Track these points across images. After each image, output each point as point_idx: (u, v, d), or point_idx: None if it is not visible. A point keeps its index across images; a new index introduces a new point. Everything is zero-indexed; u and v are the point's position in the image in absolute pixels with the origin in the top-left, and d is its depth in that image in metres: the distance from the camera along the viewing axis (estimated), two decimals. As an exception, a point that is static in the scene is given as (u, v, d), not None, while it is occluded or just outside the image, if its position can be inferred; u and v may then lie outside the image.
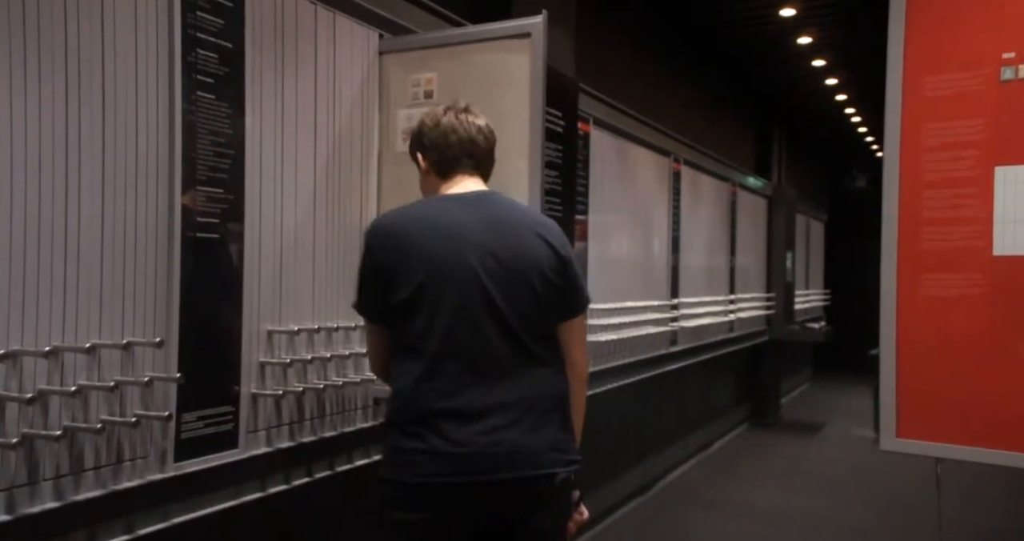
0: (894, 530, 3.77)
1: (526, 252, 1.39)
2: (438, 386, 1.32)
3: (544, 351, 1.40)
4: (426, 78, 1.88)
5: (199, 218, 1.47)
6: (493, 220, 1.40)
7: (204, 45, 1.47)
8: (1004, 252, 1.64)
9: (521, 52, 1.75)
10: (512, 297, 1.36)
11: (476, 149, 1.49)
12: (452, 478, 1.29)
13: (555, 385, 1.41)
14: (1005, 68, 1.64)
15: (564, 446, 1.39)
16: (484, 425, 1.31)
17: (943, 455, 1.72)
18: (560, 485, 1.37)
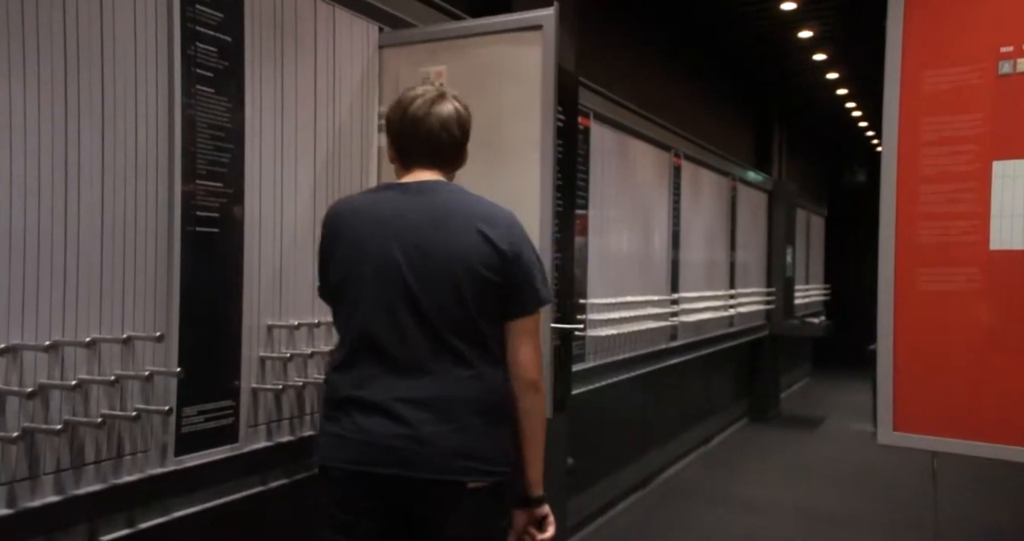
0: (892, 524, 3.78)
1: (455, 247, 1.33)
2: (353, 374, 1.35)
3: (472, 352, 1.34)
4: (435, 71, 1.85)
5: (199, 212, 1.47)
6: (430, 213, 1.36)
7: (203, 39, 1.47)
8: (1001, 246, 1.65)
9: (532, 45, 1.73)
10: (435, 293, 1.32)
11: (437, 145, 1.43)
12: (354, 466, 1.32)
13: (478, 389, 1.34)
14: (1003, 62, 1.64)
15: (482, 454, 1.32)
16: (387, 419, 1.31)
17: (940, 449, 1.72)
18: (476, 495, 1.31)
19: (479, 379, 1.34)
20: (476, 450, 1.32)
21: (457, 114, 1.44)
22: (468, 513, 1.32)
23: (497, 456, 1.35)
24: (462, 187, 1.45)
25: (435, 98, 1.43)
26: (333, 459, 1.35)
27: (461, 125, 1.45)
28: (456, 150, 1.47)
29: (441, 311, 1.32)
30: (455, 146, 1.46)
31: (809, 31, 5.70)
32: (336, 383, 1.38)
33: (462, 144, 1.47)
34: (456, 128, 1.44)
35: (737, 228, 5.56)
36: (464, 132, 1.46)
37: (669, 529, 3.71)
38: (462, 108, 1.46)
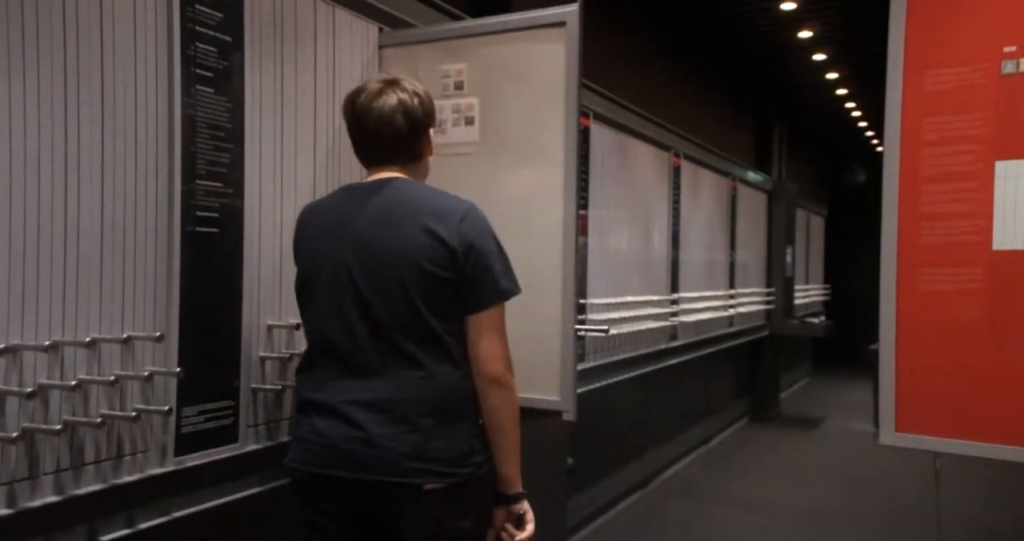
0: (893, 524, 3.78)
1: (400, 247, 1.32)
2: (312, 377, 1.38)
3: (425, 352, 1.32)
4: (455, 69, 1.83)
5: (199, 212, 1.47)
6: (378, 212, 1.35)
7: (203, 39, 1.47)
8: (1004, 247, 1.64)
9: (554, 42, 1.69)
10: (383, 295, 1.31)
11: (383, 140, 1.39)
12: (312, 468, 1.34)
13: (429, 389, 1.32)
14: (1006, 62, 1.63)
15: (436, 456, 1.30)
16: (340, 421, 1.31)
17: (942, 450, 1.72)
18: (433, 496, 1.29)
19: (430, 379, 1.32)
20: (428, 451, 1.30)
21: (402, 105, 1.37)
22: (424, 515, 1.30)
23: (454, 457, 1.32)
24: (417, 183, 1.42)
25: (379, 90, 1.38)
26: (294, 461, 1.37)
27: (408, 115, 1.38)
28: (405, 143, 1.41)
29: (391, 312, 1.32)
30: (401, 139, 1.39)
31: (809, 31, 5.70)
32: (299, 386, 1.42)
33: (411, 135, 1.40)
34: (402, 119, 1.38)
35: (737, 228, 5.56)
36: (413, 122, 1.39)
37: (669, 529, 3.71)
38: (410, 97, 1.38)
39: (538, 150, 1.73)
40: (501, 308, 1.38)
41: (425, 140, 1.45)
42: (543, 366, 1.72)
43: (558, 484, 3.04)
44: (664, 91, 4.94)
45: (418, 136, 1.42)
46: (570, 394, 1.71)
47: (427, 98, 1.43)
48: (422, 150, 1.45)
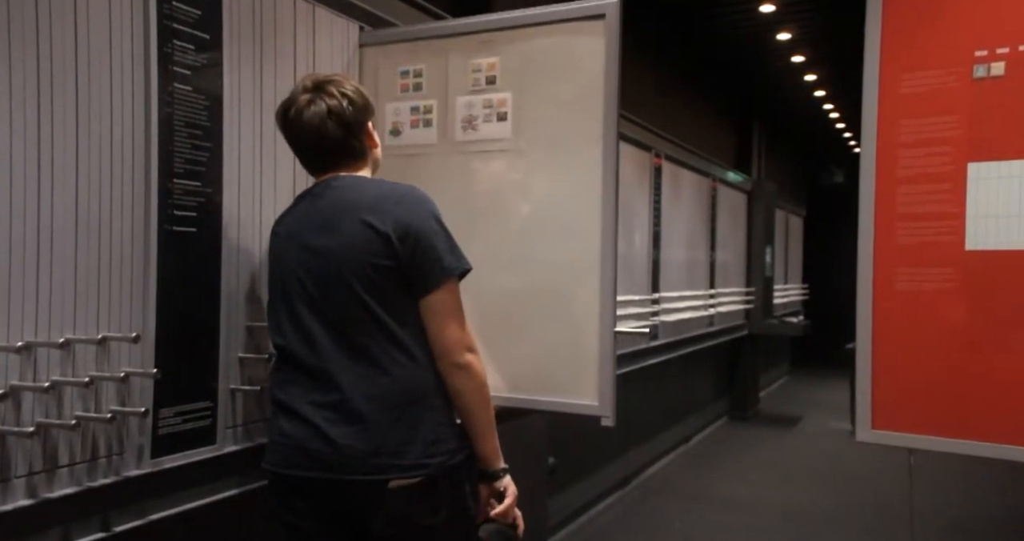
0: (869, 520, 3.83)
1: (343, 246, 1.34)
2: (278, 380, 1.41)
3: (381, 347, 1.32)
4: (488, 63, 1.78)
5: (176, 211, 1.45)
6: (322, 214, 1.38)
7: (180, 36, 1.45)
8: (976, 247, 1.67)
9: (593, 35, 1.64)
10: (333, 296, 1.34)
11: (320, 151, 1.41)
12: (281, 469, 1.36)
13: (385, 385, 1.31)
14: (978, 66, 1.67)
15: (399, 450, 1.30)
16: (302, 423, 1.33)
17: (917, 446, 1.75)
18: (402, 492, 1.29)
19: (386, 374, 1.32)
20: (389, 447, 1.30)
21: (332, 113, 1.38)
22: (393, 512, 1.30)
23: (419, 449, 1.31)
24: (356, 178, 1.43)
25: (308, 101, 1.38)
26: (267, 463, 1.40)
27: (340, 120, 1.38)
28: (344, 147, 1.42)
29: (342, 312, 1.34)
30: (339, 144, 1.41)
31: (787, 33, 5.76)
32: (270, 388, 1.45)
33: (347, 138, 1.41)
34: (334, 127, 1.38)
35: (717, 228, 5.61)
36: (346, 125, 1.39)
37: (649, 528, 3.73)
38: (339, 100, 1.38)
39: (575, 147, 1.68)
40: (452, 288, 1.36)
41: (364, 136, 1.46)
42: (579, 369, 1.67)
43: (539, 484, 3.05)
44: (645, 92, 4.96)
45: (355, 136, 1.43)
46: (609, 399, 1.65)
47: (358, 95, 1.42)
48: (363, 147, 1.46)
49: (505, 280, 1.69)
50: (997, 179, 1.65)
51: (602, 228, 1.66)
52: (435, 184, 1.64)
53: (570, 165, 1.71)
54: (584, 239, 1.67)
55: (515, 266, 1.72)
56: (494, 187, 1.79)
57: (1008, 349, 1.65)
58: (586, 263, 1.67)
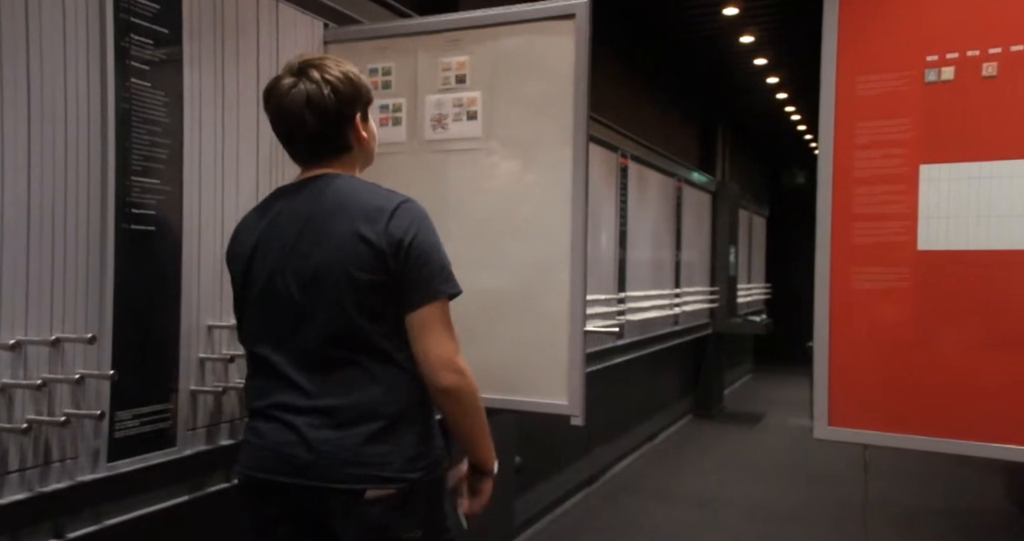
0: (826, 513, 3.92)
1: (330, 256, 1.27)
2: (253, 386, 1.37)
3: (367, 358, 1.28)
4: (458, 62, 1.76)
5: (134, 209, 1.42)
6: (309, 218, 1.29)
7: (138, 30, 1.42)
8: (928, 247, 1.72)
9: (562, 34, 1.63)
10: (318, 305, 1.28)
11: (304, 137, 1.32)
12: (256, 472, 1.33)
13: (372, 395, 1.27)
14: (929, 71, 1.71)
15: (378, 461, 1.26)
16: (282, 426, 1.30)
17: (872, 442, 1.79)
18: (379, 504, 1.25)
19: (369, 386, 1.28)
20: (368, 456, 1.26)
21: (309, 100, 1.28)
22: (366, 524, 1.27)
23: (399, 462, 1.27)
24: (344, 179, 1.33)
25: (291, 85, 1.29)
26: (240, 465, 1.36)
27: (318, 110, 1.29)
28: (323, 138, 1.33)
29: (327, 323, 1.28)
30: (316, 136, 1.32)
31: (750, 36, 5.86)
32: (245, 393, 1.40)
33: (327, 129, 1.32)
34: (310, 116, 1.29)
35: (682, 228, 5.67)
36: (325, 115, 1.29)
37: (615, 525, 3.76)
38: (320, 86, 1.29)
39: (545, 147, 1.68)
40: (443, 306, 1.30)
41: (349, 129, 1.35)
42: (549, 369, 1.67)
43: (506, 483, 3.05)
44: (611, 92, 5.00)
45: (337, 128, 1.33)
46: (579, 398, 1.65)
47: (345, 82, 1.31)
48: (348, 141, 1.36)
49: (475, 280, 1.69)
50: (948, 181, 1.70)
51: (572, 228, 1.67)
52: (404, 183, 1.62)
53: (540, 164, 1.71)
54: (554, 239, 1.68)
55: (485, 266, 1.73)
56: (464, 187, 1.78)
57: (956, 347, 1.70)
58: (556, 263, 1.68)
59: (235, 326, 1.64)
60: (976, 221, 1.67)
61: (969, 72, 1.67)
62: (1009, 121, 1.64)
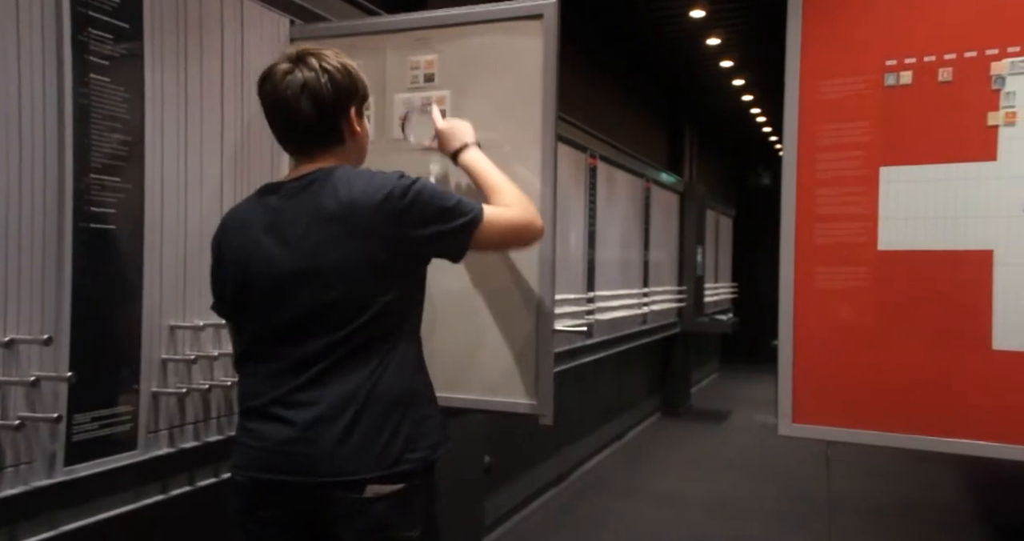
0: (790, 508, 3.99)
1: (333, 254, 1.25)
2: (248, 384, 1.35)
3: (360, 348, 1.27)
4: (426, 60, 1.74)
5: (93, 208, 1.39)
6: (304, 218, 1.27)
7: (97, 24, 1.39)
8: (887, 247, 1.76)
9: (531, 35, 1.63)
10: (313, 301, 1.27)
11: (292, 128, 1.31)
12: (253, 472, 1.31)
13: (369, 391, 1.27)
14: (888, 75, 1.76)
15: (382, 449, 1.25)
16: (280, 423, 1.28)
17: (834, 439, 1.83)
18: (379, 504, 1.25)
19: (371, 373, 1.27)
20: (367, 446, 1.25)
21: (306, 87, 1.27)
22: (370, 521, 1.25)
23: (401, 446, 1.27)
24: (339, 174, 1.30)
25: (287, 71, 1.28)
26: (235, 466, 1.34)
27: (315, 97, 1.27)
28: (317, 129, 1.31)
29: (331, 321, 1.27)
30: (312, 125, 1.30)
31: (717, 38, 5.93)
32: (240, 392, 1.38)
33: (323, 119, 1.30)
34: (307, 104, 1.27)
35: (651, 228, 5.72)
36: (321, 104, 1.28)
37: (583, 523, 3.78)
38: (318, 75, 1.28)
39: (513, 146, 1.68)
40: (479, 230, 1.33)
41: (344, 121, 1.34)
42: (518, 368, 1.67)
43: (475, 483, 3.05)
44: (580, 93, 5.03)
45: (333, 118, 1.31)
46: (548, 397, 1.65)
47: (343, 74, 1.31)
48: (342, 133, 1.34)
49: (444, 280, 1.69)
50: (906, 183, 1.74)
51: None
52: None
53: (509, 164, 1.71)
54: None
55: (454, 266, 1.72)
56: None
57: (915, 345, 1.74)
58: (525, 262, 1.68)
59: (198, 326, 1.62)
60: (934, 222, 1.72)
61: (926, 77, 1.72)
62: (963, 125, 1.69)
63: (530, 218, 1.41)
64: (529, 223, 1.40)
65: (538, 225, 1.42)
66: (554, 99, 1.66)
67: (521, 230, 1.40)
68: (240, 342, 1.39)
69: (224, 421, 1.74)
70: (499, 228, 1.36)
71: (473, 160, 1.54)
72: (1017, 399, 1.64)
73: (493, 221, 1.35)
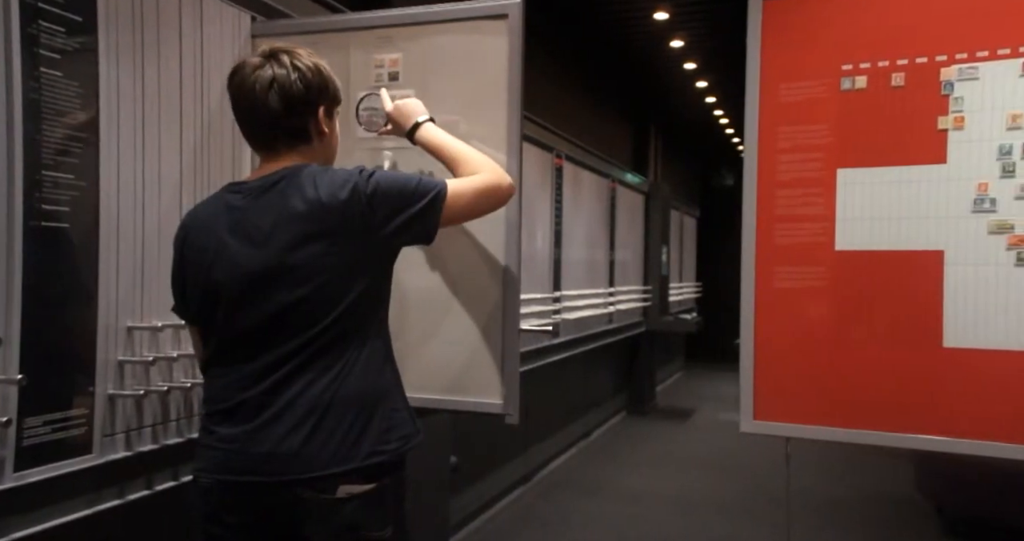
0: (753, 504, 4.06)
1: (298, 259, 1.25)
2: (216, 387, 1.33)
3: (331, 353, 1.27)
4: (391, 59, 1.73)
5: (45, 206, 1.35)
6: (268, 220, 1.26)
7: (48, 17, 1.35)
8: (844, 247, 1.81)
9: (496, 34, 1.63)
10: (285, 303, 1.26)
11: (258, 123, 1.30)
12: (220, 475, 1.28)
13: (337, 390, 1.26)
14: (844, 79, 1.80)
15: (352, 446, 1.25)
16: (249, 427, 1.27)
17: (794, 435, 1.86)
18: (349, 503, 1.24)
19: (339, 371, 1.27)
20: (339, 444, 1.25)
21: (276, 82, 1.26)
22: (342, 521, 1.25)
23: (374, 437, 1.27)
24: (304, 174, 1.29)
25: (257, 66, 1.27)
26: (201, 470, 1.31)
27: (284, 93, 1.27)
28: (285, 125, 1.30)
29: (300, 321, 1.26)
30: (280, 121, 1.29)
31: (680, 41, 6.00)
32: (205, 396, 1.36)
33: (290, 116, 1.29)
34: (275, 98, 1.26)
35: (616, 228, 5.77)
36: (290, 100, 1.27)
37: (550, 522, 3.80)
38: (288, 71, 1.27)
39: (479, 145, 1.66)
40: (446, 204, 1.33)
41: (313, 120, 1.33)
42: (484, 368, 1.67)
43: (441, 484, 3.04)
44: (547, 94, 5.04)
45: (300, 116, 1.30)
46: (513, 396, 1.65)
47: (313, 73, 1.30)
48: (309, 132, 1.33)
49: (409, 279, 1.68)
50: (862, 184, 1.79)
51: (506, 227, 1.67)
52: None
53: None
54: (488, 237, 1.69)
55: (419, 265, 1.71)
56: None
57: (870, 342, 1.79)
58: (490, 262, 1.68)
59: (157, 327, 1.59)
60: (888, 223, 1.77)
61: (880, 81, 1.76)
62: (915, 128, 1.74)
63: (496, 180, 1.42)
64: (495, 185, 1.41)
65: (506, 184, 1.42)
66: (519, 99, 1.66)
67: (489, 193, 1.40)
68: (207, 345, 1.37)
69: (184, 424, 1.71)
70: (466, 197, 1.36)
71: (429, 136, 1.53)
72: (966, 395, 1.69)
73: (458, 192, 1.35)
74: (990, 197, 1.68)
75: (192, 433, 1.72)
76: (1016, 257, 1.66)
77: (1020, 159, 1.66)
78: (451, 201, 1.34)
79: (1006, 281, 1.66)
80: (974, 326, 1.69)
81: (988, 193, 1.69)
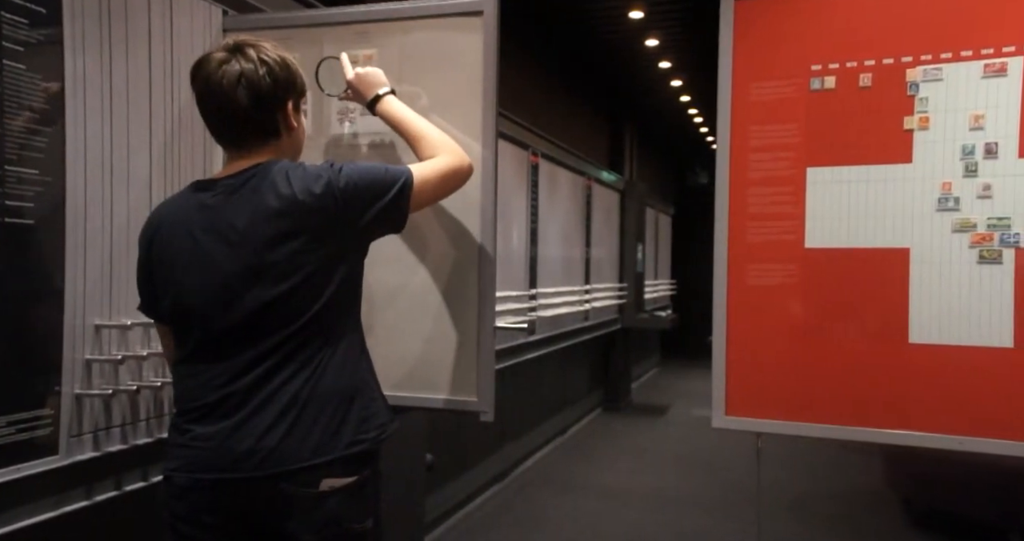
0: (724, 497, 4.11)
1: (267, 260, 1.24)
2: (188, 386, 1.32)
3: (303, 342, 1.27)
4: (365, 55, 1.71)
5: (8, 202, 1.32)
6: (239, 220, 1.25)
7: (9, 7, 1.32)
8: (814, 245, 1.83)
9: (471, 31, 1.63)
10: (259, 300, 1.25)
11: (226, 119, 1.28)
12: (196, 473, 1.27)
13: (313, 385, 1.27)
14: (813, 79, 1.83)
15: (332, 437, 1.26)
16: (226, 423, 1.26)
17: (765, 430, 1.89)
18: (331, 497, 1.24)
19: (313, 375, 1.27)
20: (319, 437, 1.25)
21: (244, 77, 1.24)
22: (324, 515, 1.25)
23: (354, 427, 1.28)
24: (280, 165, 1.29)
25: (222, 60, 1.25)
26: (176, 469, 1.29)
27: (252, 88, 1.25)
28: (254, 121, 1.28)
29: (277, 318, 1.26)
30: (249, 116, 1.27)
31: (655, 40, 6.03)
32: (178, 395, 1.34)
33: (259, 111, 1.27)
34: (244, 93, 1.24)
35: (592, 226, 5.79)
36: (258, 95, 1.26)
37: (525, 519, 3.81)
38: (256, 66, 1.25)
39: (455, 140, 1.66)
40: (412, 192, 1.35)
41: (280, 115, 1.32)
42: (458, 366, 1.67)
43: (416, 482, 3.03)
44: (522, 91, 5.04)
45: (269, 111, 1.29)
46: (488, 394, 1.65)
47: (282, 67, 1.29)
48: (278, 127, 1.32)
49: (384, 276, 1.67)
50: (831, 183, 1.82)
51: (481, 224, 1.67)
52: None
53: None
54: (464, 235, 1.68)
55: (394, 262, 1.71)
56: None
57: (839, 339, 1.82)
58: (466, 259, 1.68)
59: (125, 325, 1.57)
60: (856, 221, 1.80)
61: (848, 82, 1.79)
62: (882, 128, 1.77)
63: (457, 162, 1.45)
64: (457, 167, 1.44)
65: (466, 165, 1.46)
66: (495, 96, 1.66)
67: (451, 176, 1.43)
68: (182, 345, 1.34)
69: (154, 423, 1.69)
70: (432, 182, 1.39)
71: (391, 108, 1.54)
72: (931, 390, 1.73)
73: (424, 177, 1.38)
74: (954, 196, 1.72)
75: (163, 433, 1.70)
76: (978, 255, 1.70)
77: (982, 159, 1.70)
78: (418, 187, 1.36)
79: (968, 278, 1.70)
80: (939, 323, 1.72)
81: (952, 192, 1.72)
